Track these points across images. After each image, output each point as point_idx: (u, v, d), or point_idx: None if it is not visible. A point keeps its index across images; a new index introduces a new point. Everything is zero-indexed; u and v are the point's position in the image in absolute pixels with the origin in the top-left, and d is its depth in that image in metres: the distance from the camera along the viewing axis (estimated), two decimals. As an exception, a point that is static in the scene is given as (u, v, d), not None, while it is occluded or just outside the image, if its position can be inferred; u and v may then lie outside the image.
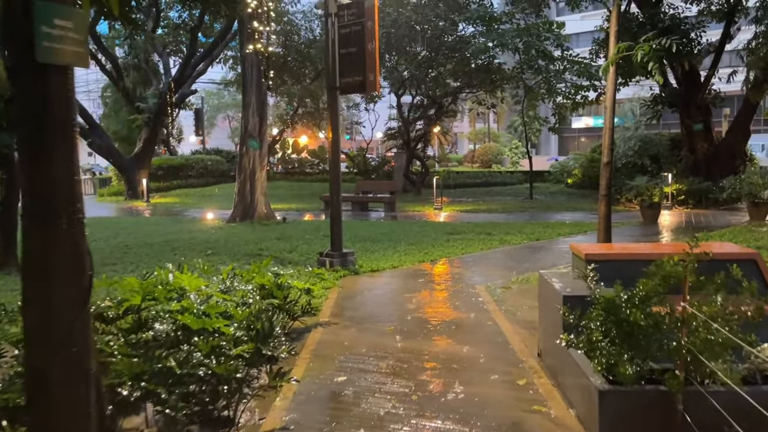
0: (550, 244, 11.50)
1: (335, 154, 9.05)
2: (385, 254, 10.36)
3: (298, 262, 9.77)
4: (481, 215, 16.85)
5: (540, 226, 13.76)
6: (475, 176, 28.00)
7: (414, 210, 18.65)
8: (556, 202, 19.85)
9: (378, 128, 30.73)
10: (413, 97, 25.58)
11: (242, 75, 16.03)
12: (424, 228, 13.76)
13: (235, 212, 16.07)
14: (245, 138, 15.99)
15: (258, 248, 11.36)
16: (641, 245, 7.56)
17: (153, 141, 25.21)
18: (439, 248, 10.90)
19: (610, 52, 9.07)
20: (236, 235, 13.23)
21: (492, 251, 10.70)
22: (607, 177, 9.18)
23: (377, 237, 12.29)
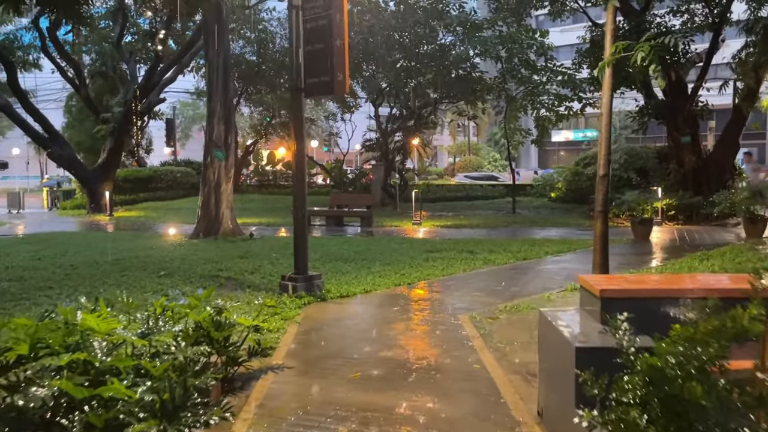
0: (538, 264, 10.55)
1: (300, 164, 8.02)
2: (358, 276, 9.31)
3: (259, 286, 8.69)
4: (463, 231, 15.90)
5: (525, 243, 12.83)
6: (455, 189, 27.14)
7: (392, 225, 17.64)
8: (540, 217, 19.00)
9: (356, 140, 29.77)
10: (391, 108, 24.69)
11: (207, 80, 14.96)
12: (401, 245, 12.75)
13: (199, 227, 14.92)
14: (210, 148, 14.88)
15: (217, 268, 10.25)
16: (672, 277, 6.58)
17: (118, 151, 23.94)
18: (418, 269, 9.88)
19: (606, 52, 8.18)
20: (196, 253, 12.09)
21: (475, 272, 9.71)
22: (604, 191, 8.25)
23: (350, 256, 11.24)
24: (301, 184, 7.97)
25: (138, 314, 4.69)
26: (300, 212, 8.01)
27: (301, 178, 7.98)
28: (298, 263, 8.00)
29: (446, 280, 9.11)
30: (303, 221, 8.07)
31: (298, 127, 7.86)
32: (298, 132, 7.88)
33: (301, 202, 8.00)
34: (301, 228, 8.05)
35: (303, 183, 7.96)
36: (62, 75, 23.71)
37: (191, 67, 27.02)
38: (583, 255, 11.42)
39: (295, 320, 6.77)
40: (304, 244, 8.03)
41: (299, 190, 7.97)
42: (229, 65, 15.04)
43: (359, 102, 26.11)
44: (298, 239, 8.00)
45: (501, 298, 7.82)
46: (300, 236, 8.01)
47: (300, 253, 8.01)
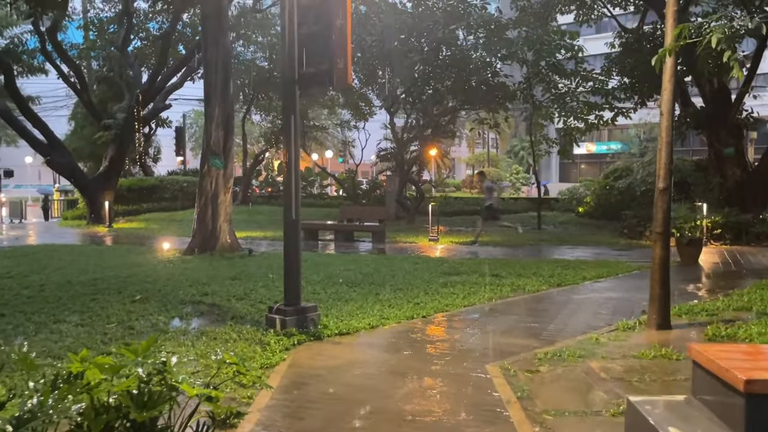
0: (576, 292, 9.01)
1: (293, 170, 6.60)
2: (364, 305, 7.85)
3: (245, 317, 7.26)
4: (485, 249, 14.39)
5: (557, 265, 11.28)
6: (474, 203, 25.57)
7: (406, 241, 16.17)
8: (569, 234, 17.41)
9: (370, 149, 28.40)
10: (408, 116, 23.30)
11: (205, 82, 13.69)
12: (416, 266, 11.26)
13: (194, 242, 13.58)
14: (207, 155, 13.57)
15: (202, 292, 8.86)
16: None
17: (119, 159, 22.78)
18: (435, 296, 8.40)
19: (667, 38, 6.72)
20: (185, 272, 10.72)
21: (503, 302, 8.20)
22: (665, 208, 6.78)
23: (357, 278, 9.79)
24: (293, 194, 6.56)
25: (31, 383, 3.26)
26: (291, 227, 6.58)
27: (294, 186, 6.56)
28: (289, 291, 6.56)
29: (469, 312, 7.61)
30: (295, 238, 6.64)
31: (291, 127, 6.46)
32: (291, 133, 6.48)
33: (290, 217, 6.57)
34: (292, 247, 6.61)
35: (295, 193, 6.54)
36: (63, 79, 22.69)
37: (200, 73, 25.94)
38: (627, 281, 9.87)
39: (278, 370, 5.32)
40: (297, 268, 6.59)
41: (291, 199, 6.55)
42: (229, 65, 13.75)
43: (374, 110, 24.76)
44: (289, 261, 6.57)
45: (538, 339, 6.31)
46: (291, 257, 6.58)
47: (291, 279, 6.58)
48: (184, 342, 6.15)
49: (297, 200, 6.60)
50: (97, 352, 5.89)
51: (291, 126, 6.51)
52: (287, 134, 6.42)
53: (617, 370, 5.18)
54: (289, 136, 6.41)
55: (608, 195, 20.74)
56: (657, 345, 5.85)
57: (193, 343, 6.11)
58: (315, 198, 28.34)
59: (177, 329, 6.74)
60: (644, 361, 5.44)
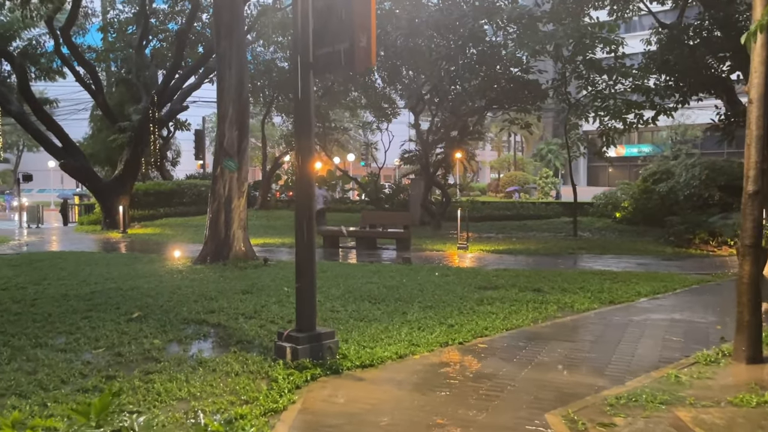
0: (634, 311, 7.83)
1: (305, 172, 5.58)
2: (389, 327, 6.79)
3: (252, 342, 6.26)
4: (520, 258, 13.24)
5: (604, 278, 10.11)
6: (503, 207, 24.40)
7: (433, 249, 15.08)
8: (609, 242, 16.16)
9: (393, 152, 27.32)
10: (433, 116, 22.20)
11: (218, 77, 12.77)
12: (446, 278, 10.17)
13: (206, 250, 12.66)
14: (220, 157, 12.64)
15: (208, 309, 7.89)
16: None
17: (135, 163, 22.04)
18: (471, 316, 7.31)
19: (756, 12, 5.57)
20: (193, 285, 9.78)
21: (551, 325, 7.07)
22: (755, 216, 5.59)
23: (381, 293, 8.73)
24: (307, 196, 5.54)
25: None
26: (304, 236, 5.55)
27: (306, 188, 5.54)
28: (302, 316, 5.53)
29: (513, 337, 6.50)
30: (309, 250, 5.60)
31: (304, 116, 5.45)
32: (304, 123, 5.47)
33: (305, 221, 5.55)
34: (306, 259, 5.58)
35: (309, 195, 5.52)
36: (78, 80, 22.03)
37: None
38: (689, 298, 8.66)
39: (285, 418, 4.28)
40: (311, 286, 5.56)
41: (303, 204, 5.53)
42: (244, 59, 12.83)
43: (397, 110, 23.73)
44: (302, 278, 5.54)
45: (603, 376, 5.19)
46: (305, 273, 5.55)
47: (304, 300, 5.55)
48: (177, 375, 5.15)
49: (311, 204, 5.57)
50: (73, 388, 4.93)
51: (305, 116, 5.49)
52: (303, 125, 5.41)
53: (717, 424, 4.04)
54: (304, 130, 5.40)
55: (648, 199, 19.42)
56: (755, 386, 4.70)
57: (188, 378, 5.12)
58: (336, 202, 27.38)
59: (172, 357, 5.75)
60: (747, 410, 4.29)
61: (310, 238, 5.58)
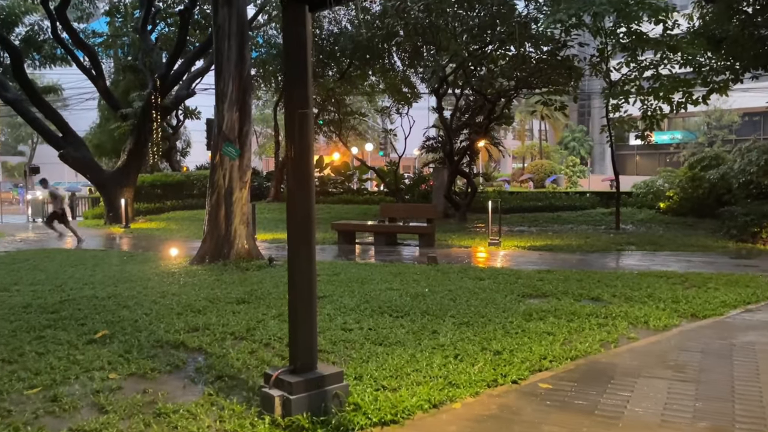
0: (728, 329, 6.15)
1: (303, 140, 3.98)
2: (416, 356, 5.20)
3: (236, 378, 4.72)
4: (562, 257, 11.55)
5: (672, 282, 8.41)
6: (534, 198, 22.63)
7: (460, 245, 13.45)
8: (658, 236, 14.38)
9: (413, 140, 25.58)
10: (457, 99, 20.48)
11: (215, 51, 11.23)
12: (481, 282, 8.55)
13: (204, 249, 11.18)
14: (219, 142, 11.13)
15: (192, 326, 6.38)
16: None
17: (138, 153, 20.66)
18: (520, 338, 5.69)
19: None
20: (182, 291, 8.29)
21: (627, 351, 5.42)
22: None
23: (404, 304, 7.14)
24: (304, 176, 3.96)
25: None
26: (298, 243, 3.98)
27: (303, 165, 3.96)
28: (298, 349, 3.97)
29: (583, 371, 4.87)
30: (308, 262, 4.01)
31: (297, 68, 3.87)
32: (298, 79, 3.88)
33: (302, 222, 3.97)
34: (304, 275, 4.00)
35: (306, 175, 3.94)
36: (78, 65, 20.68)
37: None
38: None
39: None
40: (309, 307, 3.98)
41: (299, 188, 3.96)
42: (245, 32, 11.26)
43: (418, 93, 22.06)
44: (297, 300, 3.96)
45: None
46: (301, 293, 3.97)
47: (300, 327, 3.97)
48: (118, 439, 3.63)
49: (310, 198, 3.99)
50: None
51: (300, 68, 3.91)
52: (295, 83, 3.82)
53: None
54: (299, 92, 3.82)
55: (697, 188, 17.57)
56: None
57: (134, 442, 3.59)
58: (353, 194, 25.81)
59: (123, 404, 4.22)
60: None
61: (307, 237, 3.99)
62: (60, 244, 15.64)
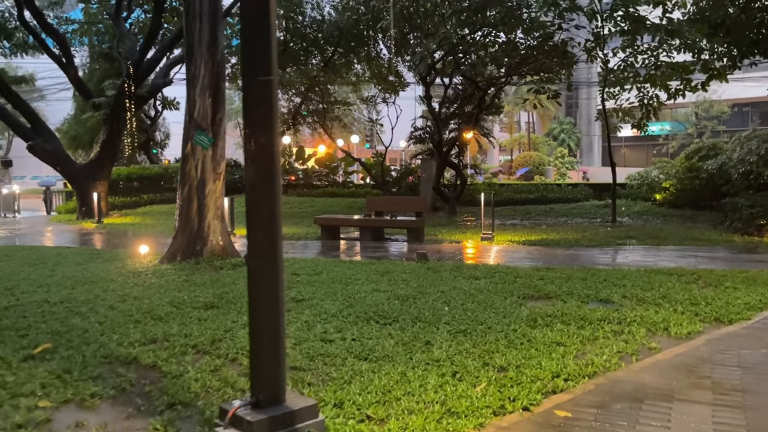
0: (760, 335, 5.45)
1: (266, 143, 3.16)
2: (407, 374, 4.43)
3: (190, 405, 3.92)
4: (559, 252, 10.83)
5: (686, 281, 7.71)
6: (525, 190, 21.93)
7: (451, 239, 12.70)
8: (657, 229, 13.73)
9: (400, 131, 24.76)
10: (446, 88, 19.71)
11: (185, 32, 10.35)
12: (477, 282, 7.79)
13: (175, 246, 10.32)
14: (190, 130, 10.26)
15: (150, 336, 5.58)
16: None
17: (112, 144, 19.66)
18: (526, 350, 4.94)
19: None
20: (146, 294, 7.45)
21: (652, 366, 4.68)
22: None
23: (392, 309, 6.36)
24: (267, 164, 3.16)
25: None
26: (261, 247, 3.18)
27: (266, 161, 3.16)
28: (260, 377, 3.18)
29: (605, 392, 4.12)
30: (273, 269, 3.21)
31: (258, 20, 3.06)
32: (258, 38, 3.08)
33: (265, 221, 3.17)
34: (268, 285, 3.19)
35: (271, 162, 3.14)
36: (46, 51, 19.61)
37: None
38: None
39: None
40: (275, 330, 3.18)
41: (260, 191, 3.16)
42: (219, 11, 10.38)
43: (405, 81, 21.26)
44: (260, 317, 3.17)
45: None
46: (265, 308, 3.17)
47: (263, 353, 3.18)
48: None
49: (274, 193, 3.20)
50: None
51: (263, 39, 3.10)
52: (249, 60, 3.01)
53: None
54: (260, 42, 3.02)
55: (694, 179, 16.95)
56: None
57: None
58: (338, 187, 24.99)
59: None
60: None
61: (272, 239, 3.19)
62: (28, 241, 14.70)
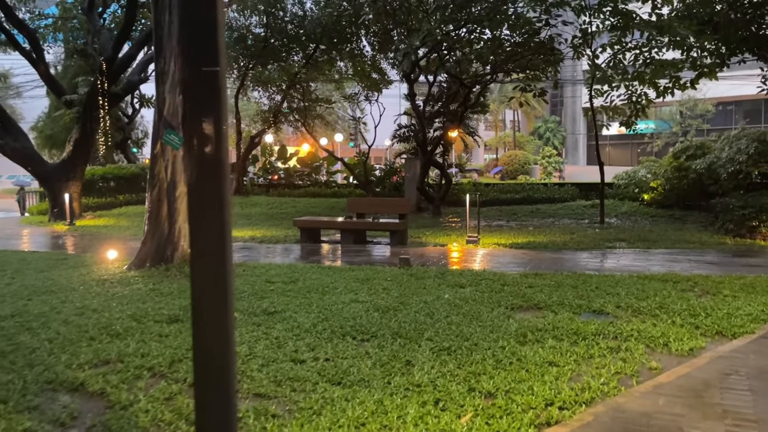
0: (766, 351, 5.04)
1: (213, 141, 2.67)
2: (384, 402, 3.96)
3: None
4: (548, 256, 10.41)
5: (681, 289, 7.32)
6: (511, 190, 21.55)
7: (435, 242, 12.24)
8: (647, 231, 13.38)
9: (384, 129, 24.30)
10: (430, 85, 19.27)
11: (154, 25, 9.80)
12: (462, 291, 7.33)
13: (144, 251, 9.76)
14: (160, 129, 9.71)
15: (103, 356, 5.07)
16: None
17: (85, 143, 18.96)
18: (515, 371, 4.49)
19: None
20: (105, 307, 6.90)
21: (655, 390, 4.25)
22: None
23: (371, 323, 5.88)
24: (215, 179, 2.65)
25: None
26: (208, 267, 2.68)
27: (214, 161, 2.65)
28: (204, 425, 2.67)
29: (606, 427, 3.67)
30: (221, 295, 2.71)
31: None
32: (199, 19, 2.59)
33: (213, 234, 2.67)
34: (216, 314, 2.70)
35: (218, 177, 2.64)
36: (15, 46, 18.86)
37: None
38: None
39: None
40: (225, 372, 2.68)
41: (205, 197, 2.66)
42: (189, 3, 9.81)
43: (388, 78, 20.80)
44: (205, 356, 2.67)
45: None
46: (212, 345, 2.67)
47: (209, 400, 2.68)
48: None
49: (225, 210, 2.70)
50: None
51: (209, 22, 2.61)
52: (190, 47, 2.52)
53: None
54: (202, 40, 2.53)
55: (683, 178, 16.66)
56: None
57: None
58: (321, 187, 24.47)
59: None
60: None
61: (220, 256, 2.69)
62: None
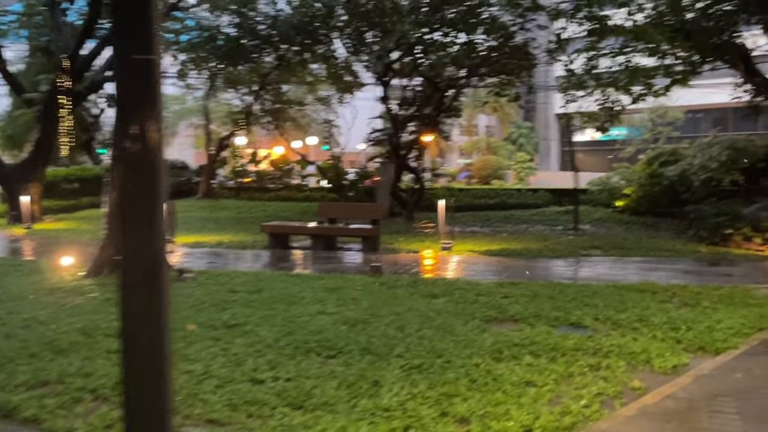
0: (751, 370, 4.82)
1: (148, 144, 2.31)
2: (347, 430, 3.62)
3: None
4: (522, 264, 10.16)
5: (660, 300, 7.11)
6: (484, 195, 21.36)
7: (408, 249, 11.91)
8: (621, 238, 13.24)
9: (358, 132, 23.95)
10: (404, 88, 18.99)
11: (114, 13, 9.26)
12: (435, 302, 7.01)
13: (102, 257, 9.25)
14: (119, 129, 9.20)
15: (41, 375, 4.66)
16: None
17: (47, 143, 18.21)
18: (490, 393, 4.19)
19: None
20: (53, 319, 6.44)
21: (639, 414, 3.97)
22: None
23: (338, 337, 5.52)
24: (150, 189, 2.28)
25: None
26: (141, 290, 2.32)
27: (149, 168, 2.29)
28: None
29: (588, 455, 3.40)
30: (156, 325, 2.34)
31: None
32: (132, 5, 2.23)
33: (145, 252, 2.31)
34: (148, 345, 2.33)
35: (152, 187, 2.27)
36: (-29, 42, 18.08)
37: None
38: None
39: None
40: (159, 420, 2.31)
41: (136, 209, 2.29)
42: None
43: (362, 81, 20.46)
44: (139, 394, 2.30)
45: None
46: (145, 384, 2.30)
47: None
48: None
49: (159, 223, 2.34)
50: None
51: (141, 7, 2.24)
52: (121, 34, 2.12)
53: None
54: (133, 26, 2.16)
55: (656, 185, 16.64)
56: None
57: None
58: (292, 190, 24.00)
59: None
60: None
61: (154, 277, 2.33)
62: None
